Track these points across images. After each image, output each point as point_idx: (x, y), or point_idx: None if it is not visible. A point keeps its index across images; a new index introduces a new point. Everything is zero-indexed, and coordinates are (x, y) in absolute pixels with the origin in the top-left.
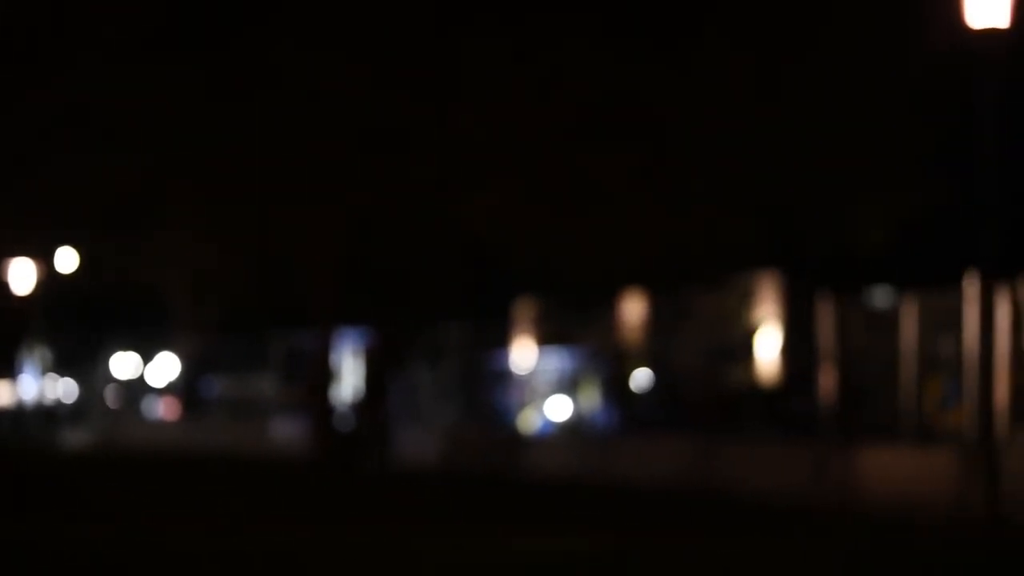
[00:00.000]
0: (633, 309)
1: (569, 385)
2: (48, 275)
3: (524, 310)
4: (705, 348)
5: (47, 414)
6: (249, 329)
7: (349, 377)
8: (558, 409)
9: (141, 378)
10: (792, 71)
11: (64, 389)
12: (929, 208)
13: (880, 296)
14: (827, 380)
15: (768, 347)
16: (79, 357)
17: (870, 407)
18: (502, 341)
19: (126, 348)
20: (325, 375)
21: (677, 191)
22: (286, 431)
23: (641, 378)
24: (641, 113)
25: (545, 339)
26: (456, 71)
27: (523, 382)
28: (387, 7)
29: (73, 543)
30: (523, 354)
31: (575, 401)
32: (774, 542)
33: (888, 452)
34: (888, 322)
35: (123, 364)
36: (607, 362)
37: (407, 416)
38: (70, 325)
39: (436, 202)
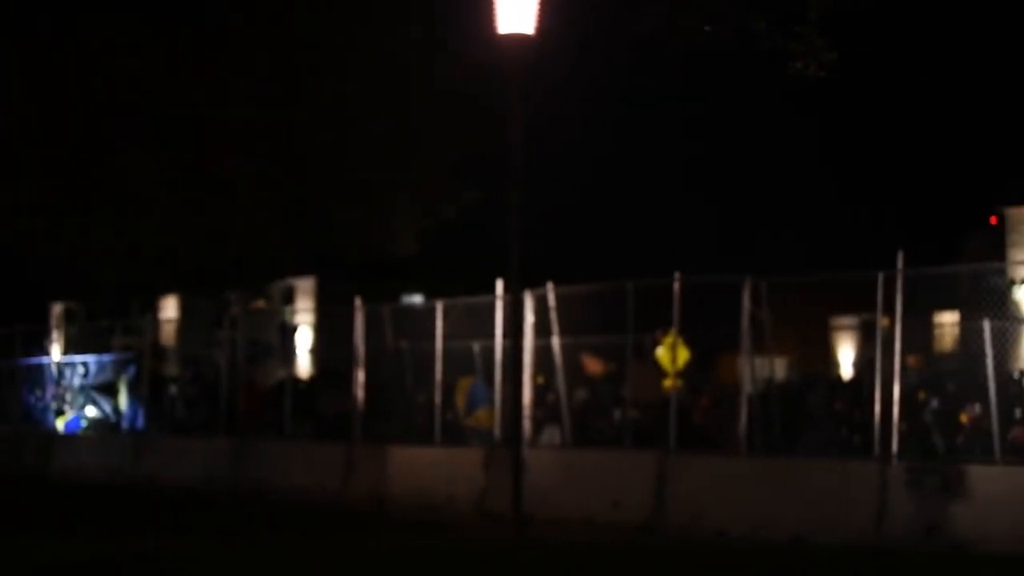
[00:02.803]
0: (171, 312)
1: (104, 386)
2: None
3: (59, 312)
4: (243, 350)
5: None
6: None
7: None
8: (91, 410)
9: None
10: (325, 78)
11: None
12: (462, 214)
13: (414, 299)
14: (359, 381)
15: (304, 349)
16: None
17: (402, 408)
18: (37, 343)
19: None
20: None
21: (217, 196)
22: None
23: (178, 379)
24: (178, 116)
25: (81, 340)
26: None
27: (57, 383)
28: None
29: None
30: (57, 355)
31: (109, 402)
32: (303, 540)
33: (418, 451)
34: (421, 325)
35: None
36: (142, 363)
37: None
38: None
39: None
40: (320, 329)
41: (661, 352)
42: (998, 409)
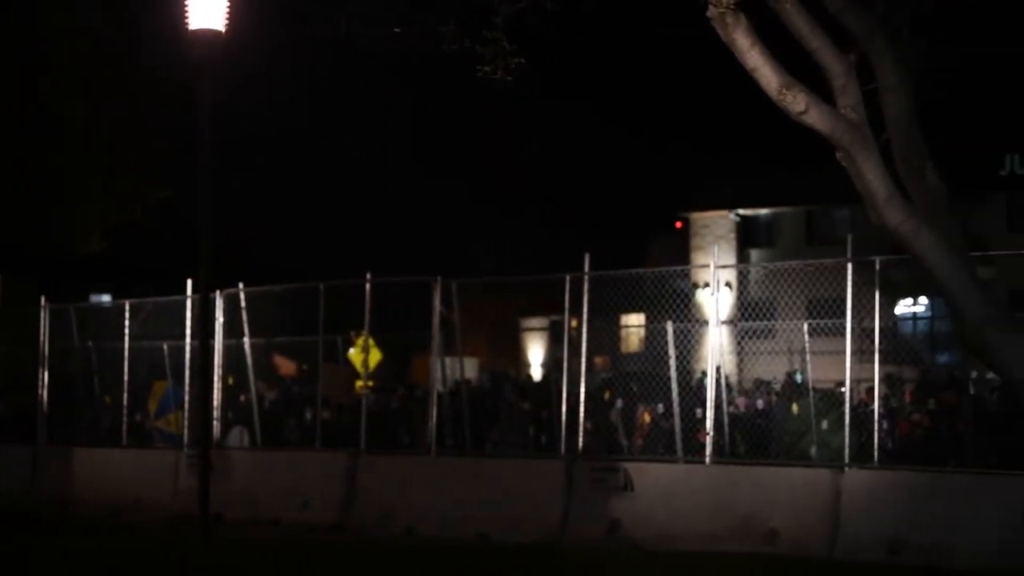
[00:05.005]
0: None
1: None
2: None
3: None
4: None
5: None
6: None
7: None
8: None
9: None
10: (13, 67)
11: None
12: (153, 212)
13: (102, 299)
14: (44, 382)
15: None
16: None
17: (89, 409)
18: None
19: None
20: None
21: None
22: None
23: None
24: None
25: None
26: None
27: None
28: None
29: None
30: None
31: None
32: None
33: (105, 454)
34: (109, 325)
35: None
36: None
37: None
38: None
39: None
40: (2, 328)
41: (353, 353)
42: (680, 409)
